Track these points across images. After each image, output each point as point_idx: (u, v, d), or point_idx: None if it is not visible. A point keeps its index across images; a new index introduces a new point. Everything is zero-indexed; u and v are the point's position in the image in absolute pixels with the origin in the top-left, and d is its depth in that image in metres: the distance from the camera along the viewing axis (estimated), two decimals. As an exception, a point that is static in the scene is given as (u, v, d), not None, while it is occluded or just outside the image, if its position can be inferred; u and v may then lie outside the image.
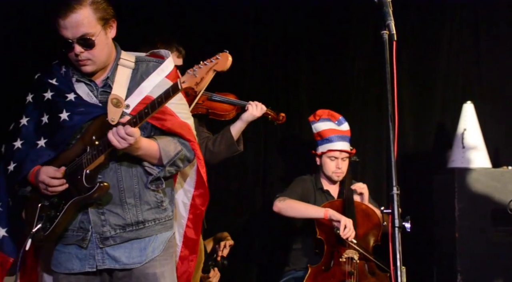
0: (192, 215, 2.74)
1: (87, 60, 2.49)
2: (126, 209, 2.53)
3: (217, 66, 2.32)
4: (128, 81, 2.56)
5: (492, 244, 4.03)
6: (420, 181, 4.47)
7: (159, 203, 2.59)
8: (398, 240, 2.10)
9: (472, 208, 4.04)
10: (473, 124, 4.27)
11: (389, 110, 2.17)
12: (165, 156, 2.51)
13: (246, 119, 3.55)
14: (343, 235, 3.58)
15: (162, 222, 2.60)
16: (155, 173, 2.54)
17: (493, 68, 4.72)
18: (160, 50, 2.68)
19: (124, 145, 2.39)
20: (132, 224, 2.54)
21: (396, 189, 2.16)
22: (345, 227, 3.58)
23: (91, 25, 2.45)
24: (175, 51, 3.30)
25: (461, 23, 4.75)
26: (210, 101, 3.59)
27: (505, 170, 4.17)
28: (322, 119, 3.98)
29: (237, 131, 3.56)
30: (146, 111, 2.37)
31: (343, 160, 3.94)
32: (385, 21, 2.22)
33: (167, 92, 2.36)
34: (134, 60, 2.61)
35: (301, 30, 4.65)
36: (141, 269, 2.54)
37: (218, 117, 3.62)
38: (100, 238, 2.53)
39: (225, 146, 3.53)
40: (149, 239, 2.57)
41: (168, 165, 2.53)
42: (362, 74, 4.68)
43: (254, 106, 3.56)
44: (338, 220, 3.61)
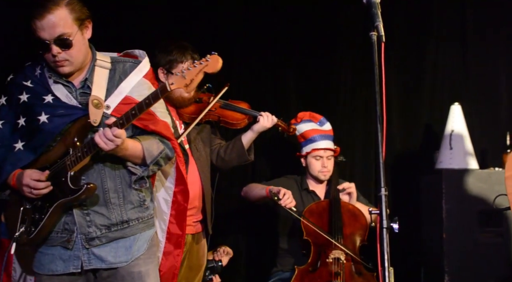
0: (174, 211, 2.78)
1: (64, 61, 2.50)
2: (111, 209, 2.56)
3: (207, 68, 2.34)
4: (106, 82, 2.57)
5: (479, 245, 4.04)
6: (408, 182, 4.49)
7: (142, 201, 2.63)
8: (386, 240, 2.11)
9: (459, 208, 4.06)
10: (460, 126, 4.29)
11: (377, 111, 2.18)
12: (149, 155, 2.54)
13: (257, 130, 3.61)
14: (282, 202, 3.59)
15: (145, 220, 2.64)
16: (139, 173, 2.57)
17: (480, 70, 4.74)
18: (135, 50, 2.71)
19: (112, 146, 2.40)
20: (117, 223, 2.57)
21: (384, 190, 2.17)
22: (284, 195, 3.61)
23: (67, 26, 2.46)
24: (190, 59, 3.29)
25: (448, 25, 4.77)
26: (223, 109, 3.60)
27: (492, 171, 4.19)
28: (304, 121, 4.00)
29: (248, 141, 3.62)
30: (134, 112, 2.39)
31: (328, 159, 3.95)
32: (374, 23, 2.23)
33: (155, 94, 2.37)
34: (110, 61, 2.62)
35: (289, 32, 4.65)
36: (126, 268, 2.57)
37: (229, 126, 3.64)
38: (85, 238, 2.54)
39: (236, 154, 3.58)
40: (133, 237, 2.60)
41: (152, 164, 2.56)
42: (350, 76, 4.69)
43: (265, 117, 3.60)
44: (277, 191, 3.64)
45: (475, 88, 4.73)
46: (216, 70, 2.35)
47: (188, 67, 2.34)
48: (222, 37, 4.54)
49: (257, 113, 3.62)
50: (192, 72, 2.34)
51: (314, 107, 4.15)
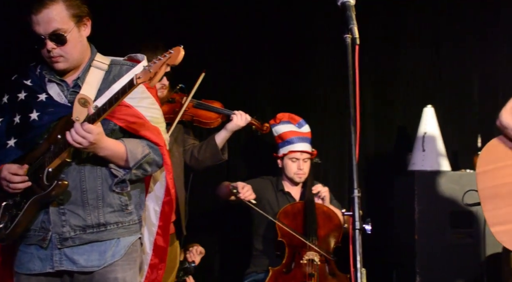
0: (162, 222, 2.71)
1: (59, 57, 2.49)
2: (87, 210, 2.51)
3: (169, 60, 2.33)
4: (99, 83, 2.55)
5: (451, 245, 4.09)
6: (381, 183, 4.52)
7: (124, 206, 2.56)
8: (359, 242, 2.12)
9: (431, 210, 4.10)
10: (433, 128, 4.33)
11: (351, 113, 2.19)
12: (132, 158, 2.49)
13: (231, 129, 3.61)
14: (241, 195, 3.61)
15: (125, 225, 2.57)
16: (121, 175, 2.52)
17: (453, 73, 4.81)
18: (138, 54, 2.68)
19: (85, 143, 2.36)
20: (92, 225, 2.51)
21: (357, 191, 2.18)
22: (243, 188, 3.63)
23: (63, 21, 2.45)
24: None
25: (421, 29, 4.82)
26: (196, 108, 3.59)
27: (463, 173, 4.24)
28: (283, 122, 4.01)
29: (222, 140, 3.61)
30: (104, 107, 2.37)
31: (304, 161, 3.97)
32: (348, 25, 2.24)
33: (124, 88, 2.36)
34: (109, 63, 2.60)
35: (265, 33, 4.66)
36: (102, 273, 2.51)
37: (203, 125, 3.63)
38: (59, 238, 2.50)
39: (210, 154, 3.57)
40: (110, 242, 2.53)
41: (135, 168, 2.51)
42: (325, 77, 4.71)
43: (239, 116, 3.61)
44: (237, 185, 3.66)
45: (448, 91, 4.79)
46: (177, 62, 2.33)
47: (154, 61, 2.34)
48: (198, 37, 4.53)
49: (231, 112, 3.62)
50: (157, 65, 2.33)
51: (289, 109, 4.16)
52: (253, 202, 3.69)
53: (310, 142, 4.03)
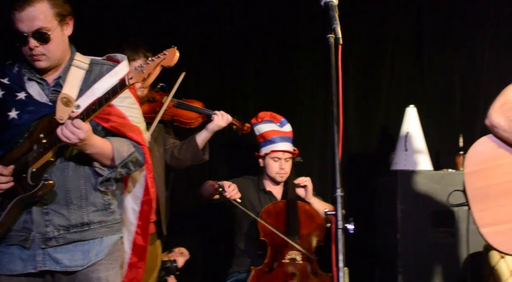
0: (141, 221, 2.71)
1: (41, 55, 2.48)
2: (71, 210, 2.50)
3: (164, 62, 2.32)
4: (80, 82, 2.54)
5: (433, 245, 4.11)
6: (364, 183, 4.54)
7: (107, 205, 2.56)
8: (341, 241, 2.12)
9: (414, 209, 4.12)
10: (415, 128, 4.35)
11: (334, 113, 2.20)
12: (118, 156, 2.49)
13: (212, 129, 3.61)
14: (227, 194, 3.61)
15: (108, 225, 2.57)
16: (106, 174, 2.51)
17: (435, 74, 4.83)
18: (117, 54, 2.68)
19: (74, 139, 2.35)
20: (76, 225, 2.50)
21: (340, 191, 2.19)
22: (229, 187, 3.64)
23: (47, 20, 2.44)
24: (142, 57, 3.28)
25: (405, 30, 4.85)
26: (176, 108, 3.58)
27: (445, 172, 4.26)
28: (265, 121, 4.01)
29: (203, 140, 3.61)
30: (94, 107, 2.36)
31: (286, 161, 3.97)
32: (331, 25, 2.24)
33: (115, 88, 2.35)
34: (89, 62, 2.59)
35: (249, 32, 4.66)
36: (85, 272, 2.50)
37: (183, 125, 3.62)
38: (42, 238, 2.48)
39: (191, 154, 3.57)
40: (93, 241, 2.53)
41: (120, 166, 2.51)
42: (308, 77, 4.72)
43: (220, 116, 3.61)
44: (222, 184, 3.66)
45: (430, 92, 4.82)
46: (173, 63, 2.33)
47: (147, 62, 2.33)
48: (181, 36, 4.52)
49: (212, 112, 3.62)
50: (150, 66, 2.32)
51: (272, 108, 4.16)
52: (238, 201, 3.69)
53: (292, 141, 4.03)
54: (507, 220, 2.52)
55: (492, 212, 2.54)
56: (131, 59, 3.22)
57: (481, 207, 2.56)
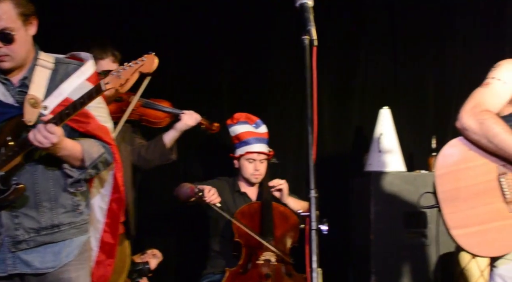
0: (109, 219, 2.69)
1: (5, 56, 2.44)
2: (41, 212, 2.48)
3: (143, 68, 2.31)
4: (47, 83, 2.50)
5: (405, 246, 4.14)
6: (338, 184, 4.55)
7: (75, 206, 2.55)
8: (315, 242, 2.13)
9: (386, 210, 4.15)
10: (389, 129, 4.39)
11: (308, 114, 2.21)
12: (88, 157, 2.47)
13: (180, 128, 3.58)
14: (207, 198, 3.60)
15: (77, 225, 2.56)
16: (76, 175, 2.49)
17: (409, 76, 4.88)
18: (81, 52, 2.65)
19: (47, 144, 2.33)
20: (47, 227, 2.49)
21: (313, 192, 2.20)
22: (209, 191, 3.63)
23: (11, 20, 2.40)
24: (110, 56, 3.26)
25: (379, 32, 4.88)
26: (144, 107, 3.55)
27: (418, 174, 4.30)
28: (240, 123, 4.00)
29: (170, 139, 3.58)
30: (67, 112, 2.34)
31: (261, 162, 3.97)
32: (306, 27, 2.25)
33: (90, 93, 2.33)
34: (54, 62, 2.55)
35: (224, 32, 4.65)
36: (55, 274, 2.49)
37: (151, 125, 3.59)
38: (12, 242, 2.45)
39: (158, 153, 3.54)
40: (63, 243, 2.52)
41: (90, 167, 2.49)
42: (283, 78, 4.73)
43: (188, 115, 3.59)
44: (202, 188, 3.64)
45: (404, 94, 4.87)
46: (152, 70, 2.33)
47: (124, 67, 2.31)
48: (155, 36, 4.50)
49: (180, 112, 3.61)
50: (128, 72, 2.31)
51: (247, 108, 4.16)
52: (218, 205, 3.67)
53: (267, 143, 4.03)
54: (477, 222, 2.53)
55: (463, 214, 2.55)
56: (98, 58, 3.19)
57: (451, 209, 2.57)
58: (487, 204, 2.54)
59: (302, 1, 2.30)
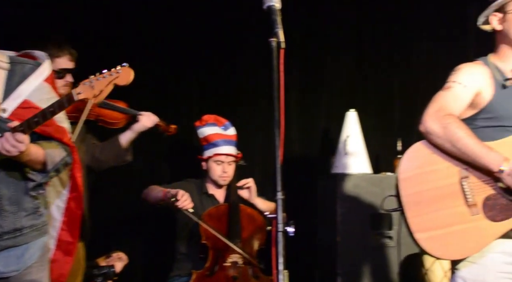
0: (67, 217, 2.69)
1: None
2: (3, 217, 2.45)
3: (118, 80, 2.29)
4: (3, 84, 2.45)
5: (371, 247, 4.17)
6: (305, 186, 4.57)
7: (36, 209, 2.53)
8: (281, 244, 2.14)
9: (353, 212, 4.18)
10: (355, 132, 4.42)
11: (275, 116, 2.21)
12: (51, 161, 2.45)
13: (137, 129, 3.56)
14: (179, 203, 3.60)
15: (38, 227, 2.54)
16: (38, 179, 2.47)
17: (375, 78, 4.93)
18: (34, 51, 2.60)
19: (15, 152, 2.30)
20: (9, 231, 2.46)
21: (280, 194, 2.20)
22: (182, 196, 3.62)
23: None
24: (67, 54, 3.22)
25: (346, 35, 4.92)
26: (100, 108, 3.51)
27: (383, 176, 4.34)
28: (208, 125, 4.00)
29: (127, 140, 3.55)
30: (36, 120, 2.31)
31: (229, 164, 3.97)
32: (273, 29, 2.26)
33: (61, 103, 2.30)
34: (8, 61, 2.49)
35: (192, 34, 4.64)
36: (19, 276, 2.47)
37: (108, 125, 3.55)
38: None
39: (113, 154, 3.50)
40: (26, 246, 2.50)
41: (52, 171, 2.47)
42: (252, 80, 4.74)
43: (146, 117, 3.57)
44: (175, 193, 3.64)
45: (371, 97, 4.91)
46: (128, 82, 2.31)
47: (97, 77, 2.29)
48: (122, 37, 4.47)
49: (137, 113, 3.59)
50: (102, 83, 2.28)
51: (215, 110, 4.15)
52: (190, 211, 3.66)
53: (235, 145, 4.03)
54: (440, 225, 2.55)
55: (426, 218, 2.57)
56: (55, 56, 3.15)
57: (415, 213, 2.58)
58: (449, 207, 2.56)
59: (270, 3, 2.31)
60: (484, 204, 2.56)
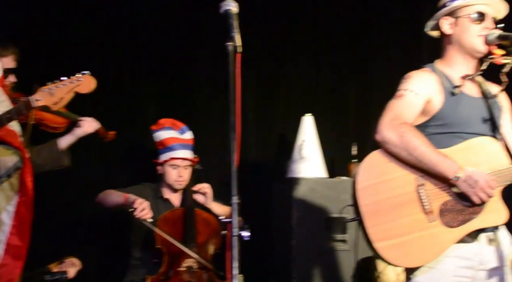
0: (16, 222, 2.63)
1: None
2: None
3: (79, 88, 2.26)
4: None
5: (326, 251, 4.20)
6: (261, 190, 4.58)
7: None
8: (236, 248, 2.13)
9: (308, 216, 4.20)
10: (311, 136, 4.45)
11: (231, 120, 2.21)
12: (3, 166, 2.43)
13: (78, 134, 3.54)
14: (137, 213, 3.57)
15: None
16: None
17: (332, 84, 4.98)
18: None
19: None
20: None
21: (236, 198, 2.20)
22: (141, 205, 3.59)
23: None
24: (12, 54, 3.16)
25: (302, 39, 4.96)
26: (42, 111, 3.45)
27: (339, 180, 4.38)
28: (165, 128, 3.97)
29: (66, 145, 3.51)
30: None
31: (185, 168, 3.95)
32: (230, 33, 2.26)
33: (18, 109, 2.26)
34: None
35: (147, 38, 4.60)
36: None
37: (49, 129, 3.49)
38: None
39: (50, 159, 3.45)
40: None
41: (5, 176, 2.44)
42: (208, 84, 4.72)
43: (88, 122, 3.55)
44: (134, 200, 3.61)
45: (327, 101, 4.96)
46: (90, 90, 2.28)
47: (57, 84, 2.25)
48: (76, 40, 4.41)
49: (78, 118, 3.57)
50: (62, 90, 2.25)
51: (171, 114, 4.13)
52: (149, 221, 3.62)
53: (192, 149, 4.01)
54: (399, 233, 2.56)
55: (385, 227, 2.57)
56: (1, 56, 3.11)
57: (374, 222, 2.58)
58: (407, 215, 2.58)
59: (227, 7, 2.32)
60: (440, 211, 2.59)
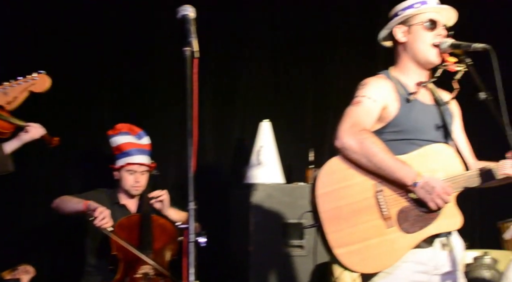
0: None
1: None
2: None
3: (34, 87, 2.22)
4: None
5: (283, 256, 4.20)
6: (218, 195, 4.57)
7: None
8: (193, 254, 2.12)
9: (266, 221, 4.20)
10: (269, 142, 4.47)
11: (188, 126, 2.21)
12: None
13: (24, 140, 3.51)
14: (97, 222, 3.54)
15: None
16: None
17: (289, 90, 5.01)
18: None
19: None
20: None
21: (193, 204, 2.19)
22: (100, 214, 3.56)
23: None
24: None
25: (260, 45, 4.98)
26: None
27: (296, 186, 4.39)
28: (122, 133, 3.93)
29: (11, 149, 3.47)
30: None
31: (142, 174, 3.91)
32: (188, 38, 2.26)
33: None
34: None
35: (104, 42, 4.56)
36: None
37: None
38: None
39: None
40: None
41: None
42: (166, 89, 4.70)
43: (35, 128, 3.53)
44: (94, 209, 3.58)
45: (284, 107, 4.98)
46: (45, 90, 2.24)
47: (11, 84, 2.20)
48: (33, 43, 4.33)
49: (25, 124, 3.53)
50: (16, 89, 2.21)
51: (129, 121, 4.08)
52: (109, 229, 3.57)
53: (149, 154, 3.98)
54: (358, 239, 2.58)
55: (344, 233, 2.58)
56: None
57: (333, 229, 2.58)
58: (366, 221, 2.60)
59: (184, 12, 2.32)
60: (398, 216, 2.62)
